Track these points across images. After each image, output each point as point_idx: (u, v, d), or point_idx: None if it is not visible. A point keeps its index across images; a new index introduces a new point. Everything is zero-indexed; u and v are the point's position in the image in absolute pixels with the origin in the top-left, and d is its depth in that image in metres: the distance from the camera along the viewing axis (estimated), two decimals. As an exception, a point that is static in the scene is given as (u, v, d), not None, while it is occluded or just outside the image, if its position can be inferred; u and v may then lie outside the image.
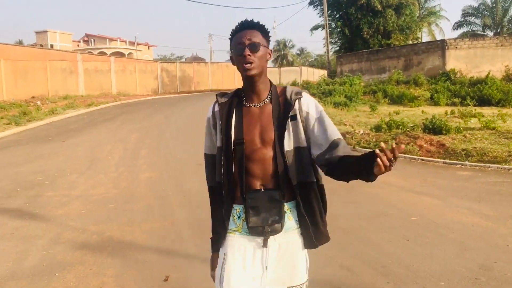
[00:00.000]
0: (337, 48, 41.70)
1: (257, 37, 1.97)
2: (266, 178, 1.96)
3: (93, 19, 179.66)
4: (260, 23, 2.03)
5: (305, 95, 2.06)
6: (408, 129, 11.83)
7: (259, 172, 1.96)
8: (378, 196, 6.85)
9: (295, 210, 2.01)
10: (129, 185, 7.78)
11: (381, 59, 30.48)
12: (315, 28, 41.68)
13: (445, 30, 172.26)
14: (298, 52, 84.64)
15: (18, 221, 5.87)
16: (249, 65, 1.93)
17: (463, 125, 12.26)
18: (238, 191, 1.99)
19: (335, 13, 38.49)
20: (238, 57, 1.96)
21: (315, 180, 2.04)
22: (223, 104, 2.05)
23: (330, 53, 40.09)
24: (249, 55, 1.92)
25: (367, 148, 10.78)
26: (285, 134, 1.96)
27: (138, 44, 69.47)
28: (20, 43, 59.62)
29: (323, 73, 43.25)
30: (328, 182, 2.09)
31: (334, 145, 1.98)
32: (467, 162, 8.79)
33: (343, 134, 12.03)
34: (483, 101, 19.08)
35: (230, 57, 2.07)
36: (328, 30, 37.29)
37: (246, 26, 2.00)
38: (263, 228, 1.91)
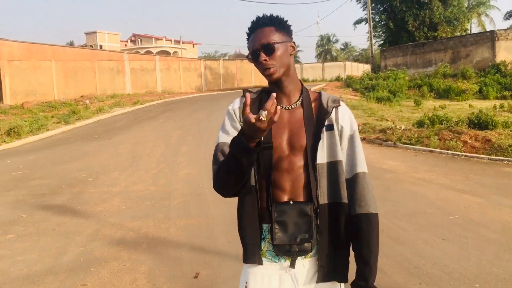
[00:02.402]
0: (381, 42, 40.80)
1: (272, 35, 1.73)
2: (293, 190, 1.73)
3: (140, 20, 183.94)
4: (274, 16, 1.78)
5: (343, 105, 1.83)
6: (452, 124, 11.45)
7: (285, 183, 1.73)
8: (417, 194, 6.69)
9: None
10: (167, 182, 7.94)
11: (427, 52, 29.61)
12: (359, 22, 41.03)
13: (495, 20, 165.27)
14: (342, 47, 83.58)
15: (61, 217, 6.11)
16: (268, 70, 1.72)
17: (511, 119, 11.75)
18: (264, 203, 1.74)
19: (379, 6, 37.67)
20: (256, 63, 1.76)
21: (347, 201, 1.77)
22: (252, 100, 1.80)
23: (374, 47, 39.31)
24: (265, 60, 1.70)
25: (408, 144, 10.53)
26: (319, 144, 1.73)
27: (183, 42, 70.51)
28: (71, 44, 61.87)
29: (368, 67, 42.48)
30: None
31: (354, 180, 1.78)
32: (514, 159, 8.43)
33: (383, 130, 11.81)
34: (536, 94, 18.24)
35: (248, 57, 1.85)
36: (371, 24, 36.54)
37: (259, 25, 1.77)
38: (290, 247, 1.68)
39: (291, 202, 1.70)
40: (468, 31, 38.51)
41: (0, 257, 4.74)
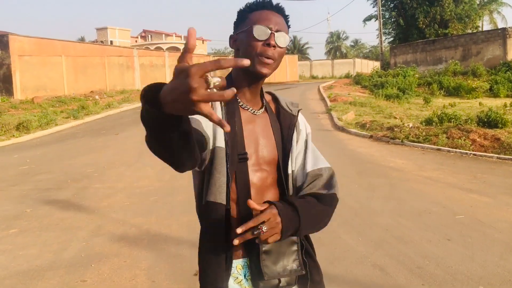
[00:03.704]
0: (391, 39, 40.55)
1: (285, 28, 1.49)
2: None
3: (151, 16, 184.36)
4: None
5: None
6: (460, 123, 11.32)
7: (259, 201, 1.44)
8: (423, 193, 6.61)
9: None
10: (172, 178, 7.92)
11: (437, 49, 29.33)
12: (368, 19, 40.75)
13: (508, 18, 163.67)
14: (352, 43, 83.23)
15: (64, 212, 6.11)
16: (270, 60, 1.43)
17: (522, 118, 11.59)
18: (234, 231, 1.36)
19: (389, 2, 37.44)
20: (258, 42, 1.43)
21: None
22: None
23: (384, 44, 39.03)
24: (274, 46, 1.43)
25: (415, 142, 10.43)
26: (290, 153, 1.55)
27: (192, 38, 70.48)
28: (82, 39, 62.24)
29: (377, 65, 42.24)
30: (370, 177, 1.82)
31: (315, 175, 1.57)
32: (523, 158, 8.31)
33: (391, 128, 11.70)
34: (548, 93, 17.98)
35: (232, 36, 1.55)
36: (381, 21, 36.28)
37: (275, 7, 1.49)
38: (279, 281, 1.46)
39: None
40: (480, 29, 38.09)
41: (1, 252, 4.74)
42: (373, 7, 38.31)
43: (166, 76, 36.36)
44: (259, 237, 1.30)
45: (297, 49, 74.37)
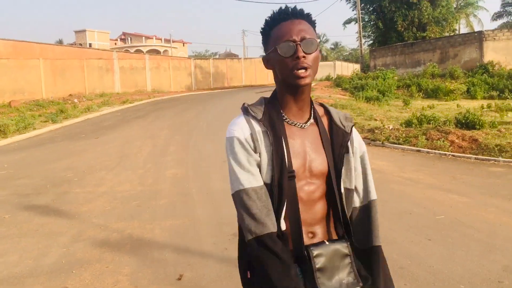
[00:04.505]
0: (371, 41, 41.01)
1: (310, 32, 1.46)
2: (315, 224, 1.51)
3: (130, 18, 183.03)
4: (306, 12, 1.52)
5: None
6: (439, 124, 11.50)
7: (307, 216, 1.48)
8: (404, 194, 6.69)
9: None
10: (154, 182, 7.87)
11: (416, 52, 29.75)
12: (348, 22, 41.12)
13: (484, 21, 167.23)
14: (333, 46, 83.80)
15: (44, 217, 6.02)
16: (303, 71, 1.42)
17: (498, 119, 11.84)
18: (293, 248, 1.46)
19: (368, 6, 37.83)
20: (287, 58, 1.43)
21: None
22: (265, 121, 1.48)
23: (364, 47, 39.44)
24: (303, 56, 1.41)
25: (396, 143, 10.55)
26: (343, 168, 1.53)
27: (173, 41, 70.26)
28: (60, 42, 61.54)
29: (357, 67, 42.63)
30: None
31: (369, 207, 1.61)
32: (500, 158, 8.48)
33: (372, 130, 11.83)
34: (523, 94, 18.37)
35: (264, 58, 1.55)
36: (361, 24, 36.68)
37: (293, 14, 1.47)
38: None
39: (327, 242, 1.46)
40: (457, 32, 38.79)
41: (-20, 259, 4.65)
42: (353, 10, 38.73)
43: (147, 79, 36.12)
44: None
45: (278, 52, 74.34)
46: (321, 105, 1.63)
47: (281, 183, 1.43)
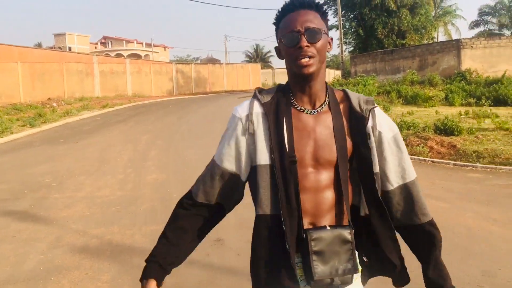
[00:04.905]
0: (352, 48, 41.44)
1: (316, 21, 1.48)
2: (319, 213, 1.49)
3: (111, 22, 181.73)
4: (317, 1, 1.54)
5: (377, 107, 1.58)
6: (419, 130, 11.65)
7: (309, 205, 1.48)
8: (384, 199, 6.74)
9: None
10: (135, 187, 7.79)
11: (396, 59, 30.16)
12: (329, 28, 41.35)
13: (461, 29, 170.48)
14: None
15: (21, 223, 5.90)
16: (307, 59, 1.45)
17: (476, 126, 12.05)
18: (292, 232, 1.47)
19: (349, 13, 38.27)
20: (291, 48, 1.47)
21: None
22: (267, 104, 1.52)
23: (345, 53, 39.84)
24: (307, 46, 1.44)
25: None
26: (371, 155, 1.51)
27: (154, 46, 69.95)
28: (39, 45, 60.62)
29: (338, 73, 42.99)
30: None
31: (406, 191, 1.58)
32: (478, 164, 8.62)
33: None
34: (499, 101, 18.69)
35: (276, 48, 1.59)
36: (342, 31, 37.07)
37: (303, 5, 1.49)
38: (332, 280, 1.44)
39: (328, 227, 1.45)
40: (435, 40, 39.45)
41: (-46, 266, 4.53)
42: (334, 17, 39.04)
43: (128, 83, 35.83)
44: None
45: (260, 57, 74.81)
46: (342, 90, 1.63)
47: (282, 167, 1.45)
